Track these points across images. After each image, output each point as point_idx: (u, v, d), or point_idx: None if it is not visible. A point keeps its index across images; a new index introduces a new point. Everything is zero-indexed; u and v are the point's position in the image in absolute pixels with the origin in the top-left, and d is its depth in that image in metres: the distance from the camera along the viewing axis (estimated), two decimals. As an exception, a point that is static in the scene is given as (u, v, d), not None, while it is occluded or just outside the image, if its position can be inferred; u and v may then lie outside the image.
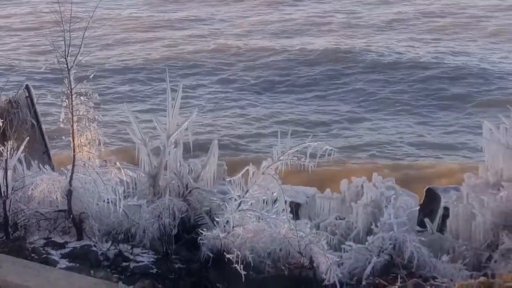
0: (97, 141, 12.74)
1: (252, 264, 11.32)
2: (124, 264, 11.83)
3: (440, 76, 29.18)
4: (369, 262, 11.49)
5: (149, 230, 12.49)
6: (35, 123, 15.29)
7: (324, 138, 22.82)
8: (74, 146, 12.46)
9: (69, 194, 12.43)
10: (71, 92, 12.24)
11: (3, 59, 33.76)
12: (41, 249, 12.12)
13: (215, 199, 13.02)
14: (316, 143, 12.34)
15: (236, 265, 11.05)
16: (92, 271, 11.29)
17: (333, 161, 13.00)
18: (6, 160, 12.23)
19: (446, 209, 13.19)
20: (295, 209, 13.10)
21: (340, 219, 13.18)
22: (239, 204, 11.94)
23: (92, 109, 12.56)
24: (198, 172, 13.46)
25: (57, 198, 12.47)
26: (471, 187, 12.65)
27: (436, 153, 22.67)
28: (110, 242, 12.31)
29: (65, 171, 12.79)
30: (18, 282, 10.09)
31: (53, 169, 13.89)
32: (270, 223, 11.58)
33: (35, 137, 15.03)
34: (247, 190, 12.19)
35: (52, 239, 12.48)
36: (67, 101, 12.34)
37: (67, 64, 12.12)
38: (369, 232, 12.30)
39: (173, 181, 13.21)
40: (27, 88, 15.39)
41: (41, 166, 13.33)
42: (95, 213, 12.48)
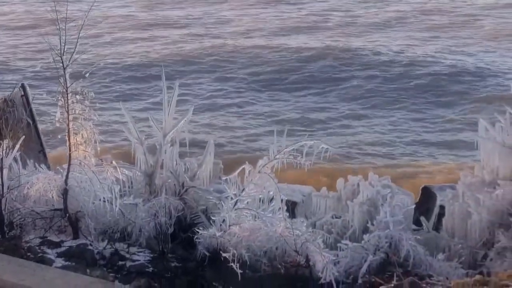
0: (93, 140, 12.73)
1: (248, 262, 11.32)
2: (120, 263, 11.83)
3: (437, 74, 29.21)
4: (365, 261, 11.50)
5: (145, 229, 12.48)
6: (31, 122, 15.25)
7: (322, 136, 22.89)
8: (70, 145, 12.45)
9: (65, 193, 12.41)
10: (66, 91, 12.21)
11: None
12: (37, 248, 12.10)
13: (211, 197, 13.02)
14: (312, 142, 12.35)
15: (232, 263, 11.06)
16: (88, 270, 11.29)
17: (329, 160, 12.93)
18: (2, 159, 12.23)
19: (442, 207, 13.19)
20: (291, 208, 13.08)
21: (336, 217, 13.17)
22: (235, 203, 11.94)
23: (88, 108, 12.54)
24: (194, 171, 13.44)
25: (53, 197, 12.46)
26: (467, 185, 12.65)
27: (433, 150, 22.67)
28: (106, 241, 12.30)
29: (61, 170, 12.77)
30: (14, 281, 10.10)
31: (49, 168, 13.88)
32: (266, 222, 11.59)
33: (30, 136, 15.01)
34: (243, 189, 12.18)
35: (48, 238, 12.47)
36: (63, 100, 12.32)
37: (62, 63, 12.09)
38: (365, 230, 12.30)
39: (169, 180, 13.20)
40: (23, 87, 15.35)
41: (37, 165, 13.31)
42: (91, 212, 12.47)
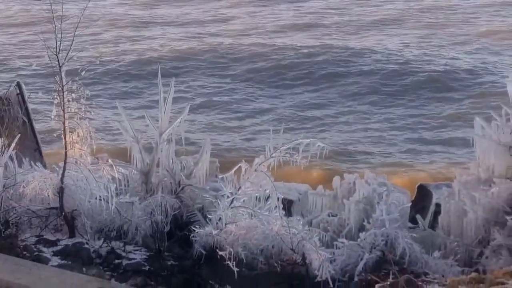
0: (89, 138, 12.70)
1: (244, 261, 11.33)
2: (117, 261, 11.83)
3: (434, 71, 29.28)
4: (361, 259, 11.52)
5: (142, 227, 12.47)
6: (27, 120, 15.20)
7: (319, 133, 22.95)
8: (65, 143, 12.42)
9: (60, 191, 12.39)
10: (62, 89, 12.18)
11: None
12: (33, 246, 12.08)
13: (207, 196, 13.00)
14: (308, 140, 12.36)
15: (228, 262, 11.06)
16: (84, 269, 11.28)
17: (325, 158, 12.95)
18: (-3, 157, 12.19)
19: (438, 205, 13.22)
20: (288, 206, 13.08)
21: (333, 215, 13.19)
22: (232, 201, 11.95)
23: (84, 106, 12.51)
24: (191, 169, 13.44)
25: (48, 196, 12.43)
26: (463, 183, 12.68)
27: (430, 148, 22.71)
28: (102, 240, 12.29)
29: (57, 169, 12.76)
30: (10, 279, 10.06)
31: (44, 166, 13.84)
32: (262, 220, 11.60)
33: (26, 134, 14.95)
34: (240, 187, 12.20)
35: (44, 237, 12.45)
36: (59, 98, 12.29)
37: (58, 61, 12.06)
38: (361, 228, 12.32)
39: (166, 178, 13.19)
40: (18, 85, 15.29)
41: (33, 164, 13.27)
42: (87, 210, 12.45)
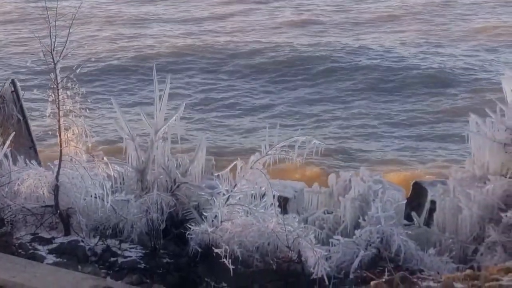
0: (84, 136, 12.67)
1: (240, 258, 11.33)
2: (112, 259, 11.81)
3: (429, 69, 29.35)
4: (357, 256, 11.55)
5: (137, 225, 12.45)
6: (21, 118, 15.15)
7: (315, 130, 22.98)
8: (61, 140, 12.38)
9: (56, 189, 12.36)
10: (57, 86, 12.14)
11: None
12: (28, 244, 12.05)
13: (203, 193, 13.00)
14: (304, 137, 12.36)
15: (224, 259, 11.06)
16: (79, 267, 11.26)
17: (321, 155, 12.96)
18: (-8, 155, 12.15)
19: (433, 202, 13.26)
20: (283, 204, 13.10)
21: (328, 213, 13.22)
22: (227, 199, 11.94)
23: (79, 103, 12.48)
24: (186, 166, 13.42)
25: (43, 194, 12.40)
26: (458, 180, 12.72)
27: (425, 145, 22.78)
28: (98, 237, 12.26)
29: (52, 166, 12.70)
30: (5, 277, 10.06)
31: (39, 164, 13.80)
32: (258, 218, 11.60)
33: (21, 132, 14.91)
34: (235, 185, 12.19)
35: (39, 235, 12.41)
36: (54, 95, 12.25)
37: (53, 58, 12.02)
38: (357, 226, 12.35)
39: (161, 176, 13.16)
40: (13, 82, 15.22)
41: (28, 161, 13.22)
42: (83, 208, 12.42)
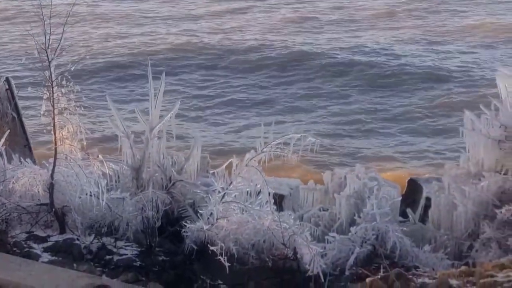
0: (79, 134, 12.64)
1: (236, 255, 11.34)
2: (108, 257, 11.79)
3: (424, 66, 29.40)
4: (352, 253, 11.57)
5: (133, 223, 12.44)
6: (16, 116, 15.12)
7: (310, 126, 23.00)
8: (55, 139, 12.36)
9: (51, 187, 12.33)
10: (52, 84, 12.11)
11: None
12: (23, 243, 12.02)
13: (198, 191, 13.00)
14: (299, 135, 12.37)
15: (220, 257, 11.07)
16: (75, 265, 11.25)
17: (316, 152, 12.99)
18: (-13, 153, 12.12)
19: (428, 199, 13.30)
20: (279, 201, 13.11)
21: (324, 210, 13.24)
22: (223, 196, 11.94)
23: (74, 101, 12.45)
24: (182, 164, 13.41)
25: (38, 192, 12.37)
26: (453, 177, 12.75)
27: (421, 141, 22.83)
28: (93, 235, 12.25)
29: (47, 164, 12.68)
30: (0, 276, 10.03)
31: (34, 162, 13.76)
32: (254, 215, 11.60)
33: (16, 130, 14.88)
34: (231, 182, 12.19)
35: (34, 233, 12.39)
36: (48, 93, 12.22)
37: (47, 56, 11.98)
38: (352, 223, 12.37)
39: (157, 174, 13.16)
40: (7, 80, 15.18)
41: (22, 160, 13.20)
42: (78, 206, 12.40)
